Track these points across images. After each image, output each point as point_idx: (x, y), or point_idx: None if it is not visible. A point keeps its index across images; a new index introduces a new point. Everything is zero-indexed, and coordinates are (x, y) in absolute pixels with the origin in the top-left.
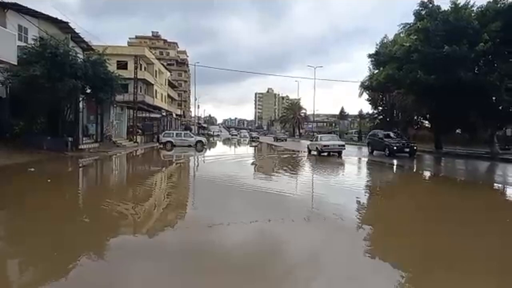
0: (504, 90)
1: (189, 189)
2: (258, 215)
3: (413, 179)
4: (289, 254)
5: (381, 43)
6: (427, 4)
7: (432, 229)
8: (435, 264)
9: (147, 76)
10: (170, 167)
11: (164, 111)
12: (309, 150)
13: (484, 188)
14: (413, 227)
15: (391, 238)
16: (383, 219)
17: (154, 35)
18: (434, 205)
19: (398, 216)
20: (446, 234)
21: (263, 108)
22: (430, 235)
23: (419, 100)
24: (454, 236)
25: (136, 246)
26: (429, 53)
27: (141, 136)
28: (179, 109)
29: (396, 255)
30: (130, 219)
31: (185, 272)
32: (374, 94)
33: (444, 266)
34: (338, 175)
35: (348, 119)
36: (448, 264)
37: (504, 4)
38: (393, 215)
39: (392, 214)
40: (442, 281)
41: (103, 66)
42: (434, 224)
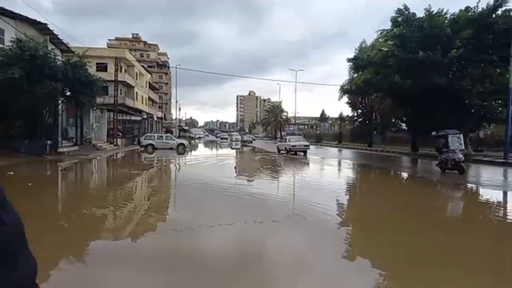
0: (475, 95)
1: (170, 192)
2: (235, 211)
3: (379, 177)
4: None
5: (359, 47)
6: (403, 11)
7: (402, 226)
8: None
9: (128, 79)
10: (151, 170)
11: (145, 114)
12: (278, 150)
13: (451, 187)
14: (377, 219)
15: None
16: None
17: (134, 36)
18: (402, 203)
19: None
20: (415, 230)
21: (245, 111)
22: (397, 229)
23: (396, 104)
24: (420, 231)
25: (116, 250)
26: (405, 58)
27: (122, 139)
28: (160, 111)
29: (365, 248)
30: (110, 223)
31: (165, 276)
32: (353, 97)
33: (417, 260)
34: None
35: (329, 121)
36: (420, 256)
37: (474, 13)
38: (355, 205)
39: (354, 204)
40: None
41: (83, 68)
42: (402, 221)
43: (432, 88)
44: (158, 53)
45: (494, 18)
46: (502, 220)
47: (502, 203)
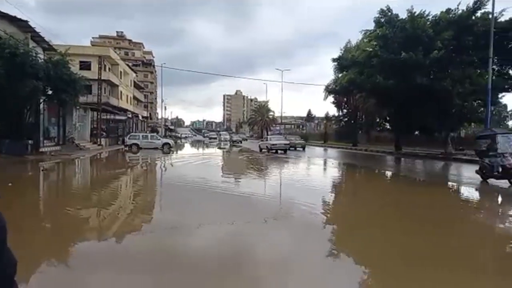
0: (456, 95)
1: (155, 192)
2: (221, 211)
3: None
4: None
5: (345, 48)
6: (386, 12)
7: (384, 221)
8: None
9: (112, 77)
10: (136, 170)
11: (129, 113)
12: (260, 148)
13: (431, 185)
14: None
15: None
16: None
17: (119, 35)
18: (386, 199)
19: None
20: (399, 225)
21: (231, 110)
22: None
23: (380, 104)
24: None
25: (100, 251)
26: (388, 59)
27: (106, 139)
28: (146, 111)
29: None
30: (94, 223)
31: (151, 276)
32: (338, 97)
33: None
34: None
35: (315, 121)
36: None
37: (455, 15)
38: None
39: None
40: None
41: (66, 67)
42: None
43: (415, 88)
44: (143, 51)
45: (473, 20)
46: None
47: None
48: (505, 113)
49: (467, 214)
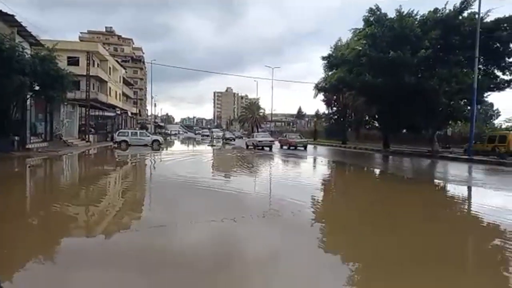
0: (442, 94)
1: (144, 189)
2: (209, 207)
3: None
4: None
5: (335, 46)
6: (375, 11)
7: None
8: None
9: (100, 73)
10: (125, 167)
11: (118, 110)
12: (247, 145)
13: (412, 182)
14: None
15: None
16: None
17: (107, 30)
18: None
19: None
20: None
21: (222, 107)
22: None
23: (369, 102)
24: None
25: (88, 249)
26: (376, 57)
27: (94, 135)
28: (135, 107)
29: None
30: (82, 221)
31: (140, 275)
32: (328, 95)
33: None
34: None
35: (305, 118)
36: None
37: (442, 15)
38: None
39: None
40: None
41: (53, 62)
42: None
43: (403, 87)
44: (133, 47)
45: (460, 20)
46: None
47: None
48: (491, 111)
49: (453, 211)
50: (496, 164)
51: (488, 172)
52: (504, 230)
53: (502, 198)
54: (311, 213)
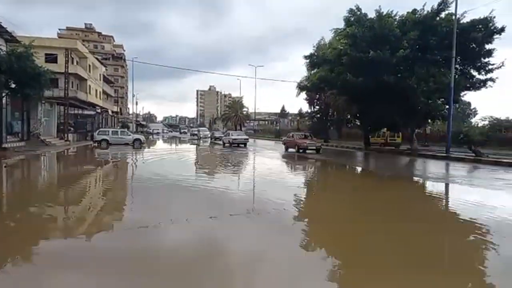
0: (420, 93)
1: (125, 188)
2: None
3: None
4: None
5: (318, 45)
6: (355, 12)
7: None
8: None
9: (80, 71)
10: (105, 167)
11: (98, 108)
12: (223, 143)
13: (387, 179)
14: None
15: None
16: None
17: (87, 27)
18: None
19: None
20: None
21: (205, 106)
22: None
23: (349, 101)
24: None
25: (67, 251)
26: (357, 57)
27: (73, 134)
28: (116, 106)
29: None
30: (60, 222)
31: (121, 277)
32: (311, 94)
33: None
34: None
35: (288, 117)
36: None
37: (420, 15)
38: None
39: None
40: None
41: (30, 59)
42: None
43: (382, 86)
44: (114, 45)
45: (437, 21)
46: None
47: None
48: (469, 110)
49: (430, 206)
50: (472, 161)
51: (464, 169)
52: (476, 222)
53: (476, 193)
54: (294, 211)
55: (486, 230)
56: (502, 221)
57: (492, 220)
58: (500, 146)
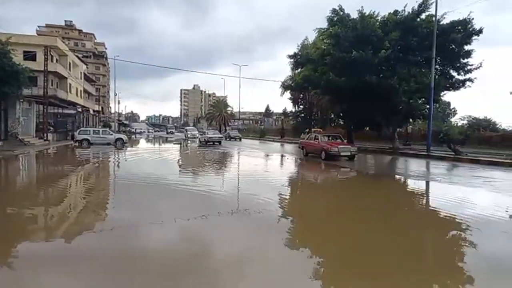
0: (402, 93)
1: (105, 189)
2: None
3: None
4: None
5: (302, 44)
6: (338, 12)
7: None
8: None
9: (60, 69)
10: (87, 167)
11: (79, 107)
12: (200, 141)
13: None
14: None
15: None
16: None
17: (67, 24)
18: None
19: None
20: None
21: (189, 105)
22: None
23: (333, 100)
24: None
25: (48, 252)
26: (340, 57)
27: (53, 134)
28: (97, 105)
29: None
30: (40, 223)
31: (104, 278)
32: (295, 94)
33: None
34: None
35: (273, 117)
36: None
37: (401, 16)
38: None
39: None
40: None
41: (7, 57)
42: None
43: (365, 86)
44: (95, 42)
45: (418, 22)
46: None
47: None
48: (449, 110)
49: (412, 204)
50: (452, 160)
51: (444, 167)
52: (456, 218)
53: (455, 191)
54: (278, 209)
55: (466, 226)
56: (480, 217)
57: (470, 216)
58: (478, 145)
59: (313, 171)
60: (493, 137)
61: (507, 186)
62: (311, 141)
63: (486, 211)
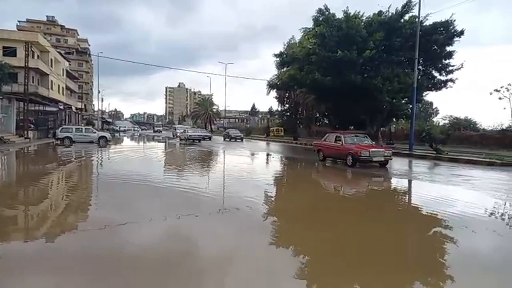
0: (385, 92)
1: (88, 188)
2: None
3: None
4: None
5: (288, 43)
6: (324, 12)
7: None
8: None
9: (41, 65)
10: (69, 165)
11: (61, 104)
12: (180, 139)
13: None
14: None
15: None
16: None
17: (49, 20)
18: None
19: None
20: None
21: (174, 103)
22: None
23: (318, 99)
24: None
25: (30, 253)
26: (325, 56)
27: (34, 132)
28: (80, 102)
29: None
30: (21, 223)
31: (85, 278)
32: (280, 92)
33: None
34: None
35: (259, 115)
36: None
37: (385, 17)
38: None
39: None
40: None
41: None
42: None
43: (350, 85)
44: (78, 39)
45: (402, 23)
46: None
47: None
48: (431, 110)
49: (393, 202)
50: (434, 158)
51: (426, 166)
52: (436, 216)
53: (436, 189)
54: (264, 207)
55: (446, 223)
56: (460, 215)
57: (450, 213)
58: (459, 144)
59: (348, 183)
60: (473, 137)
61: (485, 185)
62: (331, 142)
63: (467, 209)
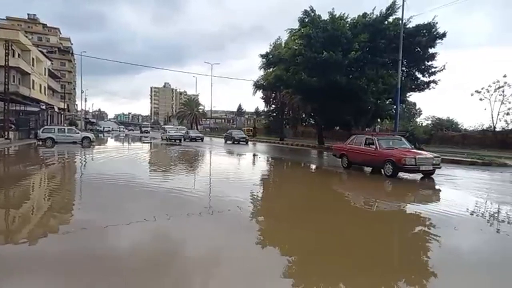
0: (370, 93)
1: (71, 189)
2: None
3: None
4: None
5: (275, 44)
6: (309, 13)
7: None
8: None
9: (22, 64)
10: (50, 166)
11: (43, 104)
12: (162, 138)
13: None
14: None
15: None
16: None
17: (30, 18)
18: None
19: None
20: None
21: (159, 103)
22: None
23: (304, 100)
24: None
25: (8, 256)
26: (311, 57)
27: (15, 132)
28: (63, 102)
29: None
30: (1, 225)
31: (68, 281)
32: (267, 93)
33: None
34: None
35: (245, 116)
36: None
37: (370, 19)
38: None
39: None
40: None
41: None
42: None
43: (335, 86)
44: (60, 37)
45: (386, 25)
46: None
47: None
48: (414, 110)
49: (381, 199)
50: None
51: None
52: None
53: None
54: (251, 207)
55: (430, 222)
56: (444, 213)
57: (434, 212)
58: (441, 144)
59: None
60: (455, 137)
61: (468, 184)
62: (361, 146)
63: (450, 208)
